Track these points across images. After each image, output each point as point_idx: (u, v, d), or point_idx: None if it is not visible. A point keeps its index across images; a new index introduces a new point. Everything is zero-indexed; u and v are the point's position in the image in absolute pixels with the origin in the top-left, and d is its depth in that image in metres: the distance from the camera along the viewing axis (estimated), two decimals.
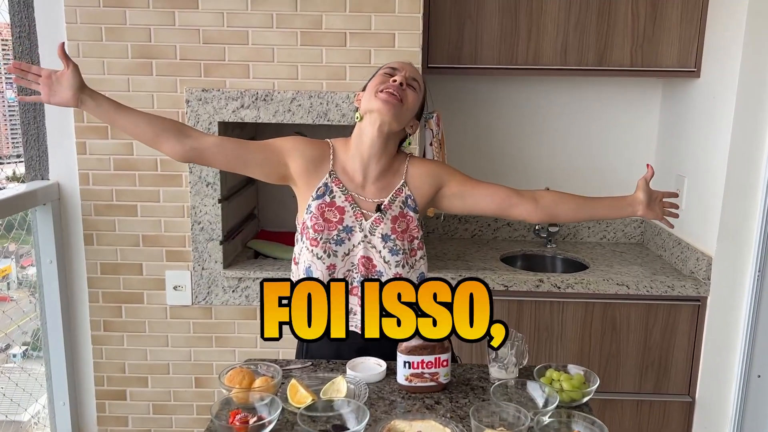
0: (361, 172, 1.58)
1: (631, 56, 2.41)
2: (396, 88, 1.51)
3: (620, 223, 2.84)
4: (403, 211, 1.59)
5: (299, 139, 1.62)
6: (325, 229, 1.55)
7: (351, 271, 1.58)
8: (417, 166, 1.63)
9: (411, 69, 1.59)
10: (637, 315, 2.32)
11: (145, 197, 2.27)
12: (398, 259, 1.57)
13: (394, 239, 1.57)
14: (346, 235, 1.56)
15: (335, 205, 1.56)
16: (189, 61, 2.18)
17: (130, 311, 2.35)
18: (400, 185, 1.60)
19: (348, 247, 1.57)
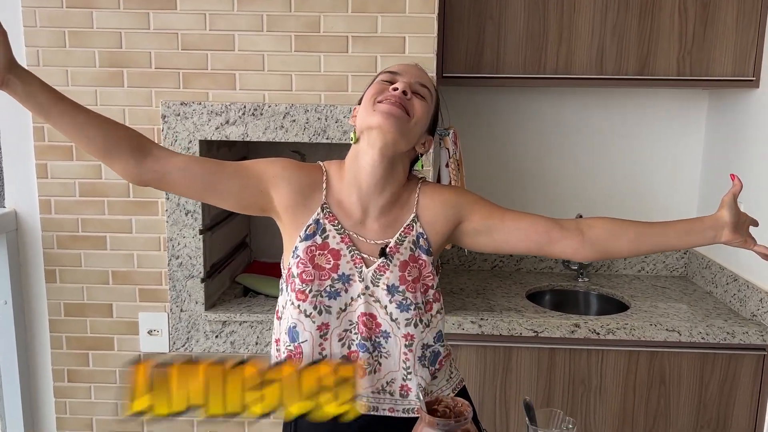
0: (360, 205, 1.26)
1: (678, 64, 2.09)
2: (398, 97, 1.19)
3: (660, 254, 2.50)
4: (414, 254, 1.27)
5: (286, 163, 1.28)
6: (316, 279, 1.22)
7: (349, 331, 1.25)
8: (430, 195, 1.30)
9: (417, 72, 1.26)
10: (689, 366, 1.98)
11: (115, 227, 1.96)
12: (409, 316, 1.24)
13: (403, 291, 1.24)
14: (342, 286, 1.23)
15: (328, 247, 1.23)
16: (166, 70, 1.87)
17: (99, 359, 2.04)
18: (410, 221, 1.28)
19: (345, 301, 1.24)
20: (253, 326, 1.98)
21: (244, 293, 2.23)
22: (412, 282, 1.25)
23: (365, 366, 1.24)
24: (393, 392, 1.27)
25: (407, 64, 1.28)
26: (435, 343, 1.29)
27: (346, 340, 1.24)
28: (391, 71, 1.25)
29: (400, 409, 1.28)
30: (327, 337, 1.23)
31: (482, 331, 1.96)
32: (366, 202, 1.25)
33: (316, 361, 1.15)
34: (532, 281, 2.41)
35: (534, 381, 2.01)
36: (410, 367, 1.26)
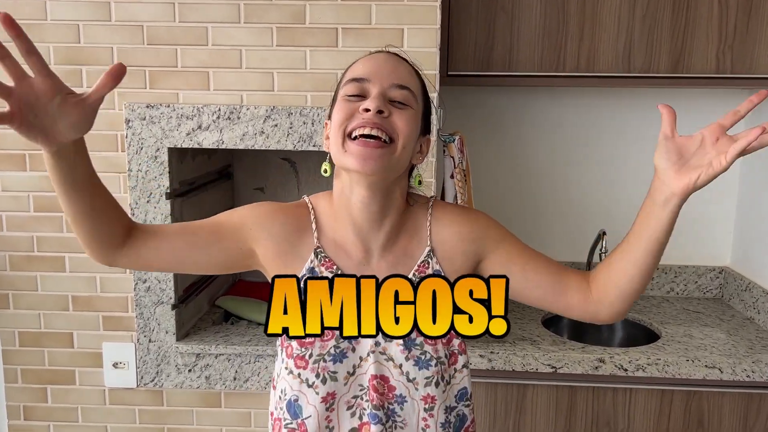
0: (360, 243, 1.03)
1: (718, 60, 1.83)
2: (373, 123, 0.93)
3: (692, 273, 2.24)
4: None
5: (264, 209, 1.07)
6: (317, 340, 1.00)
7: (359, 398, 1.02)
8: (447, 224, 1.07)
9: (389, 68, 0.98)
10: (732, 408, 1.72)
11: (75, 247, 1.73)
12: (429, 374, 1.02)
13: (421, 344, 1.01)
14: (348, 345, 1.01)
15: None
16: (130, 68, 1.64)
17: (58, 395, 1.81)
18: (425, 256, 1.04)
19: (353, 363, 1.01)
20: (231, 359, 1.74)
21: (225, 318, 1.99)
22: None
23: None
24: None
25: (375, 58, 1.01)
26: (458, 404, 1.06)
27: (356, 409, 1.02)
28: (357, 78, 0.98)
29: None
30: (334, 407, 1.01)
31: (492, 366, 1.71)
32: (366, 239, 1.03)
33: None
34: None
35: (551, 423, 1.76)
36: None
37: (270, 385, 1.73)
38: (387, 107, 0.95)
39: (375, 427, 1.00)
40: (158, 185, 1.68)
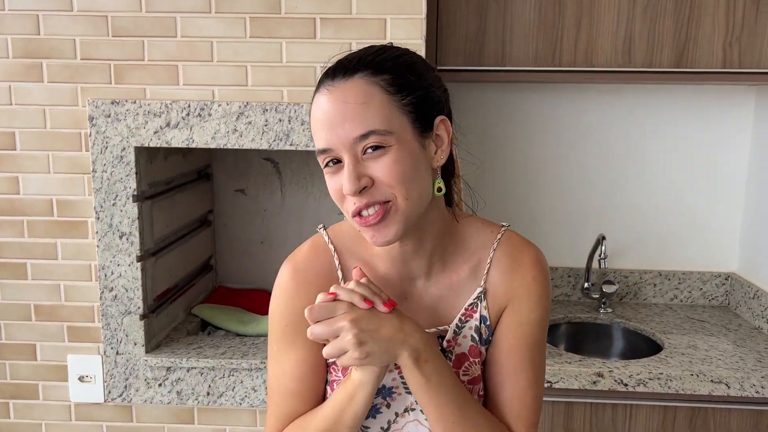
0: (401, 275, 0.92)
1: (724, 54, 1.72)
2: (361, 206, 0.82)
3: (697, 279, 2.13)
4: (476, 346, 0.92)
5: (289, 290, 0.94)
6: None
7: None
8: (507, 265, 0.93)
9: (343, 123, 0.82)
10: (740, 425, 1.62)
11: (37, 253, 1.63)
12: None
13: None
14: (382, 401, 0.90)
15: None
16: (93, 62, 1.54)
17: (21, 410, 1.71)
18: (474, 298, 0.92)
19: (387, 419, 0.91)
20: (204, 373, 1.63)
21: (203, 327, 1.89)
22: (467, 383, 0.91)
23: None
24: None
25: (327, 115, 0.83)
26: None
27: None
28: (322, 149, 0.84)
29: None
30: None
31: None
32: (405, 274, 0.92)
33: None
34: None
35: None
36: None
37: (245, 401, 1.63)
38: (363, 173, 0.82)
39: None
40: (124, 187, 1.57)
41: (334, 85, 0.83)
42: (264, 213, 2.11)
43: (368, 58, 0.85)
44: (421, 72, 0.87)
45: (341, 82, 0.83)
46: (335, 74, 0.84)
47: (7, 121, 1.57)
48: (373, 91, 0.82)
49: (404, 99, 0.83)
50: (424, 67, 0.90)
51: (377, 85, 0.82)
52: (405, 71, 0.85)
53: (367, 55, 0.85)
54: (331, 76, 0.84)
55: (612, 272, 2.12)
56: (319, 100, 0.84)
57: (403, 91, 0.83)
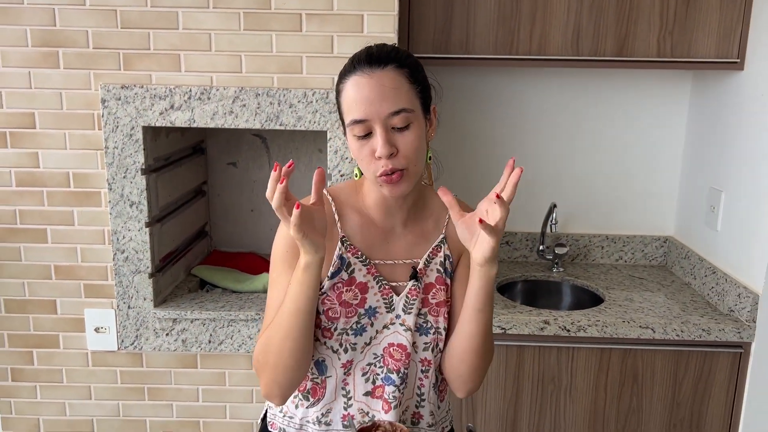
0: (382, 228, 1.17)
1: (659, 45, 1.96)
2: (387, 169, 1.04)
3: (639, 242, 2.40)
4: (442, 276, 1.17)
5: None
6: (342, 316, 1.13)
7: (373, 365, 1.16)
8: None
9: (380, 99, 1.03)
10: (663, 364, 1.90)
11: (55, 220, 1.83)
12: (428, 340, 1.16)
13: (425, 314, 1.16)
14: (368, 321, 1.14)
15: (355, 282, 1.14)
16: (104, 51, 1.73)
17: (44, 357, 1.93)
18: (439, 241, 1.18)
19: (370, 335, 1.15)
20: (206, 324, 1.87)
21: (201, 286, 2.11)
22: (435, 306, 1.16)
23: (390, 400, 1.15)
24: (405, 420, 1.19)
25: (366, 91, 1.04)
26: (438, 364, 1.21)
27: (370, 375, 1.15)
28: (358, 120, 1.04)
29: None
30: (350, 372, 1.15)
31: None
32: (389, 222, 1.16)
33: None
34: (504, 271, 2.30)
35: (501, 379, 1.92)
36: (424, 394, 1.19)
37: (242, 347, 1.87)
38: (392, 143, 1.04)
39: (389, 388, 1.14)
40: (134, 161, 1.78)
41: (372, 71, 1.04)
42: (253, 184, 2.32)
43: (393, 54, 1.07)
44: (422, 70, 1.11)
45: (378, 69, 1.04)
46: (371, 63, 1.04)
47: (27, 102, 1.76)
48: (402, 79, 1.05)
49: (418, 88, 1.07)
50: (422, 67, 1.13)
51: (403, 76, 1.05)
52: (417, 68, 1.09)
53: (391, 52, 1.07)
54: (368, 64, 1.04)
55: (564, 236, 2.39)
56: (359, 81, 1.04)
57: (417, 82, 1.08)
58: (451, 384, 1.20)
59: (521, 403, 1.94)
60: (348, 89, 1.06)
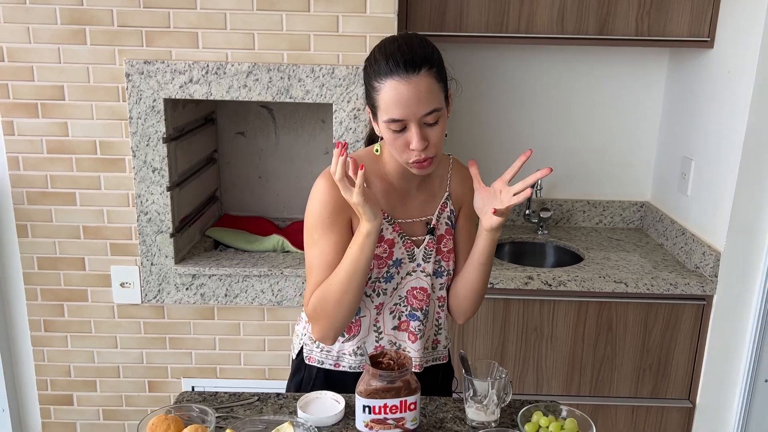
0: (401, 190, 1.35)
1: (637, 24, 2.13)
2: (421, 159, 1.21)
3: (618, 207, 2.60)
4: (449, 228, 1.39)
5: (331, 191, 1.27)
6: (375, 268, 1.31)
7: (398, 305, 1.36)
8: (460, 180, 1.41)
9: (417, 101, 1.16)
10: (635, 315, 2.11)
11: (83, 184, 2.00)
12: (442, 281, 1.39)
13: (439, 260, 1.37)
14: (395, 270, 1.34)
15: (384, 239, 1.32)
16: (128, 29, 1.88)
17: (73, 310, 2.11)
18: (444, 199, 1.38)
19: (396, 282, 1.35)
20: (222, 279, 2.06)
21: (215, 246, 2.29)
22: (446, 252, 1.37)
23: (416, 332, 1.36)
24: (428, 347, 1.42)
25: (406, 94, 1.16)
26: None
27: (396, 313, 1.36)
28: (397, 119, 1.18)
29: (431, 358, 1.44)
30: (381, 312, 1.35)
31: None
32: (405, 186, 1.34)
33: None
34: None
35: (490, 329, 2.13)
36: (441, 325, 1.42)
37: (255, 301, 2.06)
38: (425, 138, 1.19)
39: (414, 323, 1.36)
40: (156, 131, 1.95)
41: (409, 78, 1.16)
42: (261, 152, 2.49)
43: (423, 54, 1.18)
44: (443, 63, 1.23)
45: (414, 75, 1.16)
46: (407, 69, 1.16)
47: (57, 76, 1.92)
48: (432, 82, 1.18)
49: (443, 85, 1.21)
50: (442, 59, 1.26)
51: (433, 78, 1.18)
52: (442, 65, 1.22)
53: (421, 50, 1.18)
54: (404, 70, 1.16)
55: (549, 201, 2.58)
56: (398, 87, 1.16)
57: (442, 80, 1.22)
58: (454, 314, 1.43)
59: (507, 350, 2.15)
60: (386, 90, 1.17)
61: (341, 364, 1.38)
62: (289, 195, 2.49)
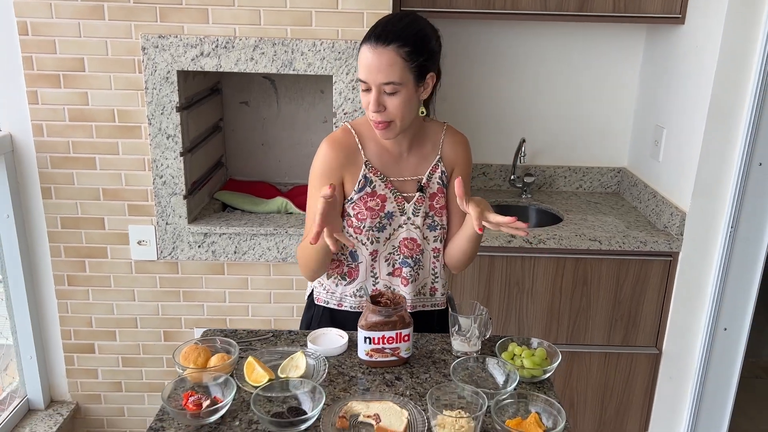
0: (393, 152, 1.53)
1: (614, 2, 2.29)
2: (377, 119, 1.41)
3: (596, 173, 2.79)
4: (441, 187, 1.56)
5: (327, 156, 1.49)
6: (368, 218, 1.51)
7: (392, 253, 1.56)
8: (452, 144, 1.57)
9: (377, 68, 1.35)
10: (608, 270, 2.31)
11: (103, 149, 2.17)
12: (436, 234, 1.57)
13: (432, 215, 1.56)
14: (387, 221, 1.53)
15: (376, 194, 1.52)
16: (143, 5, 2.03)
17: (94, 266, 2.30)
18: (436, 161, 1.56)
19: (389, 232, 1.54)
20: (232, 237, 2.24)
21: (223, 208, 2.47)
22: (439, 209, 1.56)
23: (407, 277, 1.56)
24: (425, 293, 1.61)
25: (370, 59, 1.35)
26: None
27: (390, 261, 1.56)
28: (361, 79, 1.39)
29: (429, 304, 1.62)
30: (376, 259, 1.54)
31: None
32: (398, 148, 1.52)
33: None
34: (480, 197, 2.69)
35: (476, 283, 2.34)
36: (437, 273, 1.60)
37: (262, 257, 2.25)
38: (382, 103, 1.38)
39: (406, 269, 1.55)
40: (170, 100, 2.11)
41: (376, 47, 1.35)
42: (263, 121, 2.65)
43: (398, 31, 1.35)
44: (429, 41, 1.40)
45: (381, 46, 1.34)
46: (378, 39, 1.35)
47: (77, 49, 2.07)
48: (397, 59, 1.35)
49: (413, 64, 1.37)
50: (432, 35, 1.44)
51: (401, 56, 1.35)
52: (420, 43, 1.38)
53: (399, 29, 1.36)
54: (374, 40, 1.35)
55: (532, 167, 2.77)
56: (366, 52, 1.36)
57: (414, 59, 1.37)
58: (450, 267, 1.62)
59: (492, 302, 2.36)
60: (361, 53, 1.39)
61: (343, 305, 1.58)
62: (290, 161, 2.67)
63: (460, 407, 1.20)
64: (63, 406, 2.43)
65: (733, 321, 2.30)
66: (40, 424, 2.33)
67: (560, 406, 1.19)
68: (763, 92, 2.05)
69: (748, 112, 2.08)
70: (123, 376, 2.42)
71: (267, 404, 1.21)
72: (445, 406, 1.20)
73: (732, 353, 2.34)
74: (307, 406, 1.20)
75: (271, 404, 1.22)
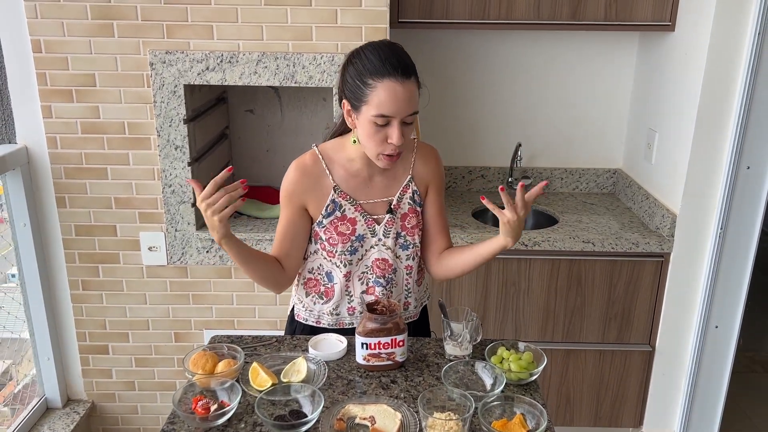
0: (363, 175, 1.55)
1: (606, 10, 2.35)
2: (396, 153, 1.42)
3: (593, 174, 2.87)
4: (413, 207, 1.59)
5: (292, 181, 1.53)
6: (339, 243, 1.55)
7: (365, 273, 1.60)
8: (424, 161, 1.60)
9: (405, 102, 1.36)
10: (601, 271, 2.39)
11: (114, 160, 2.27)
12: (408, 253, 1.61)
13: (404, 236, 1.59)
14: (359, 244, 1.57)
15: (347, 218, 1.55)
16: (151, 22, 2.12)
17: (107, 271, 2.40)
18: (407, 181, 1.58)
19: (361, 254, 1.58)
20: None
21: None
22: (411, 228, 1.60)
23: (380, 296, 1.60)
24: None
25: (401, 96, 1.36)
26: (420, 268, 1.69)
27: (363, 280, 1.60)
28: (385, 115, 1.36)
29: (404, 317, 1.67)
30: (350, 280, 1.60)
31: None
32: (369, 172, 1.55)
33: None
34: (479, 200, 2.76)
35: (473, 284, 2.42)
36: (410, 289, 1.66)
37: None
38: (405, 132, 1.39)
39: (378, 288, 1.60)
40: (177, 113, 2.20)
41: (404, 81, 1.36)
42: (268, 128, 2.74)
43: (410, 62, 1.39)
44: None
45: (407, 80, 1.37)
46: (404, 73, 1.36)
47: (89, 65, 2.16)
48: (415, 88, 1.39)
49: (418, 91, 1.42)
50: None
51: (415, 84, 1.39)
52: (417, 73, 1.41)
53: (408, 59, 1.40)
54: (401, 74, 1.36)
55: (529, 170, 2.85)
56: (395, 88, 1.35)
57: (419, 87, 1.42)
58: (438, 276, 1.65)
59: (489, 303, 2.44)
60: (382, 89, 1.35)
61: (321, 322, 1.65)
62: None
63: (450, 409, 1.28)
64: (79, 404, 2.54)
65: (724, 318, 2.38)
66: (58, 422, 2.45)
67: (543, 407, 1.27)
68: (749, 98, 2.12)
69: (736, 117, 2.14)
70: (136, 376, 2.53)
71: (270, 407, 1.31)
72: (436, 408, 1.29)
73: (723, 349, 2.42)
74: (307, 409, 1.30)
75: (274, 407, 1.31)
